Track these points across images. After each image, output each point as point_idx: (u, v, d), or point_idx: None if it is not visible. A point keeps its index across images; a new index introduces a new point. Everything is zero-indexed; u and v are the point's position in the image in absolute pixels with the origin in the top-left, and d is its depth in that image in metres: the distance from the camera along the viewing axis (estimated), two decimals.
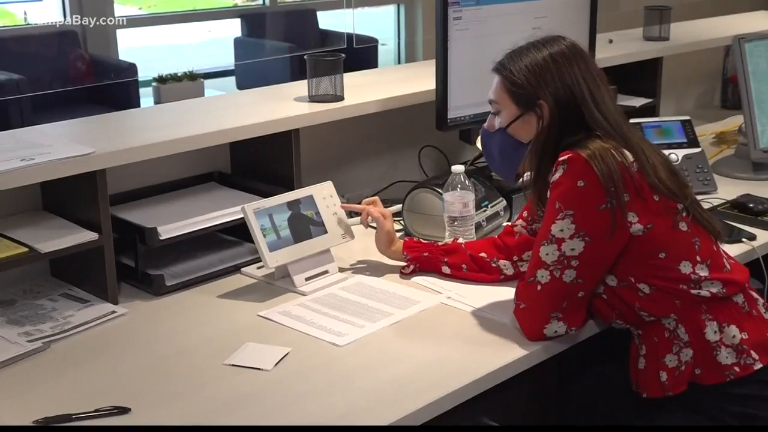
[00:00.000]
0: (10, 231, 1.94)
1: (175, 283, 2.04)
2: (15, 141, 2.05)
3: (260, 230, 2.00)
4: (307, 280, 2.04)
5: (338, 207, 2.15)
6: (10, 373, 1.71)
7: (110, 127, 2.39)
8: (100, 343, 1.83)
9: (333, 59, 2.45)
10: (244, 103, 2.60)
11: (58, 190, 2.02)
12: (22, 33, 6.41)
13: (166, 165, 2.23)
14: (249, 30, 6.75)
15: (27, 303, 1.98)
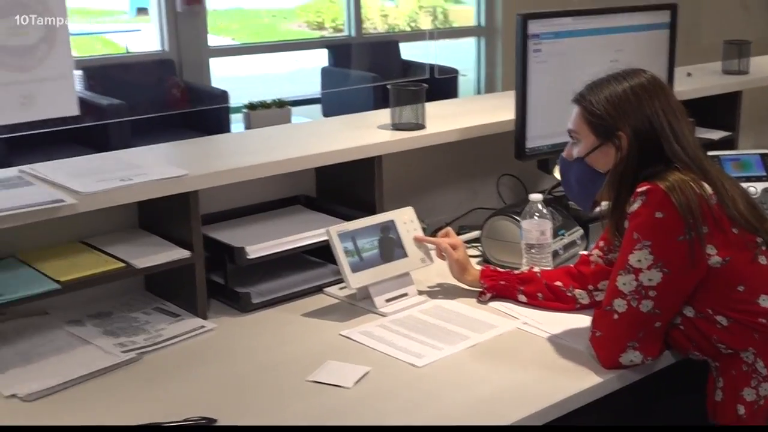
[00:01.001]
0: (108, 247, 1.98)
1: (261, 300, 2.06)
2: (115, 162, 2.09)
3: (343, 252, 2.00)
4: (387, 301, 2.04)
5: (418, 233, 2.14)
6: (105, 381, 1.74)
7: (203, 150, 2.43)
8: (189, 356, 1.85)
9: (415, 89, 2.45)
10: (330, 130, 2.61)
11: (153, 209, 2.05)
12: (124, 61, 6.59)
13: (255, 188, 2.25)
14: (335, 60, 6.82)
15: (122, 315, 2.01)
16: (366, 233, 2.06)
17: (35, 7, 1.84)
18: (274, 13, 17.00)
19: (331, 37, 8.91)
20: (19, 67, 1.84)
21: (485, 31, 7.11)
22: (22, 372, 1.75)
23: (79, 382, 1.72)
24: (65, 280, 1.82)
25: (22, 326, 1.93)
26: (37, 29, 1.85)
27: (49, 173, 1.96)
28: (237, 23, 14.97)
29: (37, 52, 1.86)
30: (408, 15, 11.76)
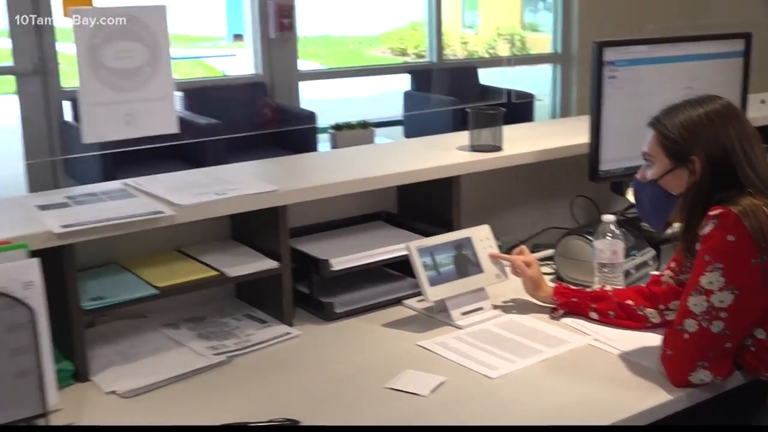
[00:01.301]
0: (203, 256, 2.01)
1: (343, 310, 2.06)
2: (211, 177, 2.12)
3: (422, 266, 1.99)
4: (463, 314, 2.02)
5: (493, 250, 2.12)
6: (197, 381, 1.76)
7: (292, 168, 2.45)
8: (275, 360, 1.86)
9: (493, 112, 2.44)
10: (411, 150, 2.61)
11: (245, 221, 2.07)
12: (221, 84, 6.72)
13: (340, 203, 2.26)
14: (417, 84, 6.83)
15: (214, 321, 2.03)
16: (444, 249, 2.05)
17: (141, 33, 1.88)
18: (360, 40, 17.15)
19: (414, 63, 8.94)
20: (125, 88, 1.89)
21: (561, 57, 7.04)
22: (121, 370, 1.79)
23: (173, 381, 1.75)
24: (163, 286, 1.86)
25: (123, 328, 1.97)
26: (142, 53, 1.89)
27: (150, 186, 2.00)
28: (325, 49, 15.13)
29: (142, 74, 1.91)
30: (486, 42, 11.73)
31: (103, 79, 1.84)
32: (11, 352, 1.46)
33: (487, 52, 10.44)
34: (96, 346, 1.86)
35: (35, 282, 1.49)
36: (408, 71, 7.16)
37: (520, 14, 10.06)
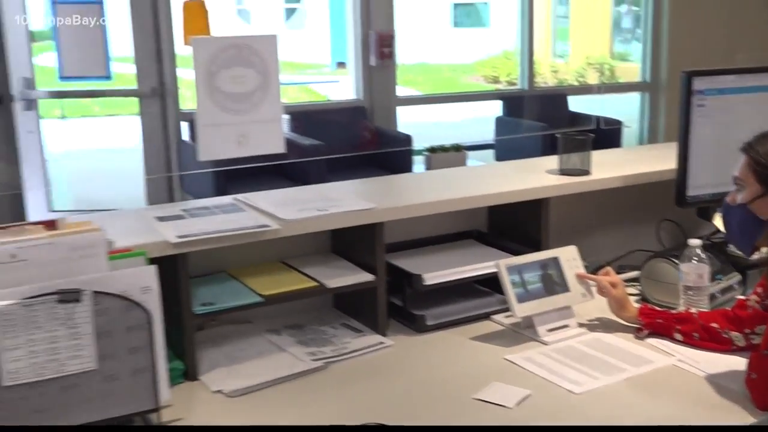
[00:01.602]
0: (304, 268, 2.03)
1: (434, 323, 2.05)
2: (313, 195, 2.15)
3: (511, 284, 1.97)
4: (549, 331, 1.99)
5: (580, 270, 2.08)
6: (296, 384, 1.78)
7: (389, 187, 2.46)
8: (369, 368, 1.86)
9: (582, 138, 2.40)
10: (502, 172, 2.60)
11: (344, 236, 2.09)
12: (324, 107, 6.81)
13: (433, 222, 2.26)
14: (508, 110, 6.78)
15: (313, 328, 2.05)
16: (532, 268, 2.02)
17: (253, 61, 1.93)
18: (454, 68, 17.15)
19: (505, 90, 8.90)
20: (237, 110, 1.93)
21: (650, 86, 6.89)
22: (227, 371, 1.82)
23: (274, 383, 1.77)
24: (267, 294, 1.88)
25: (229, 332, 2.01)
26: (254, 79, 1.93)
27: (258, 202, 2.04)
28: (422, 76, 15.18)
29: (253, 98, 1.95)
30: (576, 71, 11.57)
31: (218, 102, 1.88)
32: (129, 351, 1.50)
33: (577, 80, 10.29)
34: (205, 348, 1.89)
35: (152, 287, 1.53)
36: (500, 97, 7.11)
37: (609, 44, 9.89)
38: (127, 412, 1.52)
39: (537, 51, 6.95)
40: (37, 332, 1.42)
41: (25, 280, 1.43)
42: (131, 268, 1.53)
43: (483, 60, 16.16)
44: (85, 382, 1.47)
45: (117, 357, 1.49)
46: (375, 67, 6.06)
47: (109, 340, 1.48)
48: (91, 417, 1.48)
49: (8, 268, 1.44)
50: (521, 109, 6.67)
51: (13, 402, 1.41)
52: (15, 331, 1.41)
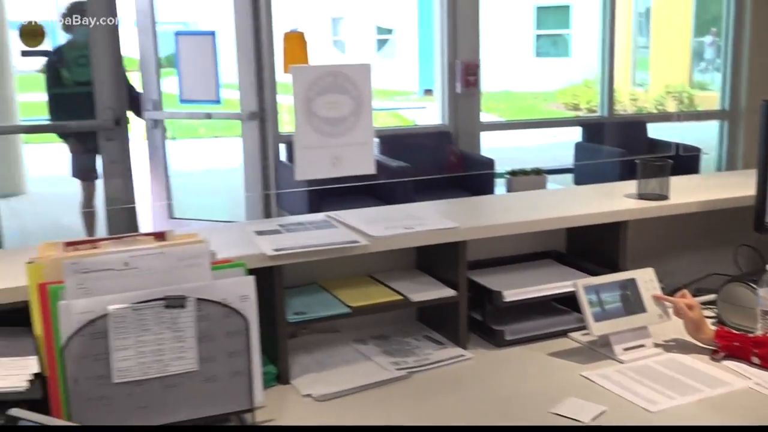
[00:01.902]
0: (390, 282, 2.03)
1: (513, 338, 2.02)
2: (400, 213, 2.15)
3: (588, 303, 1.93)
4: (625, 350, 1.93)
5: (657, 292, 2.02)
6: (380, 392, 1.78)
7: (472, 208, 2.45)
8: (449, 378, 1.85)
9: (661, 164, 2.34)
10: (581, 196, 2.55)
11: (428, 253, 2.09)
12: (411, 132, 6.85)
13: (513, 241, 2.23)
14: (587, 136, 6.68)
15: (397, 339, 2.05)
16: (609, 288, 1.97)
17: (348, 88, 1.94)
18: (536, 96, 16.99)
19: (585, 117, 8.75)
20: (332, 134, 1.95)
21: (728, 114, 6.67)
22: (316, 377, 1.83)
23: (360, 390, 1.77)
24: (355, 306, 1.89)
25: (319, 340, 2.02)
26: (348, 105, 1.95)
27: (349, 219, 2.06)
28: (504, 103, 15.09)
29: (347, 123, 1.96)
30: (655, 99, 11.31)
31: (314, 126, 1.91)
32: (228, 355, 1.53)
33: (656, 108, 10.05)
34: (296, 354, 1.91)
35: (250, 296, 1.56)
36: (580, 124, 7.01)
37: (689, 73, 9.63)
38: (224, 412, 1.54)
39: (617, 79, 6.82)
40: (145, 334, 1.46)
41: (135, 287, 1.48)
42: (231, 278, 1.55)
43: (564, 88, 15.97)
44: (187, 382, 1.50)
45: (216, 360, 1.52)
46: (460, 94, 6.06)
47: (210, 344, 1.51)
48: (191, 414, 1.51)
49: (121, 275, 1.49)
50: (601, 136, 6.55)
51: (121, 398, 1.45)
52: (125, 332, 1.45)
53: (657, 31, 13.10)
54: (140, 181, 5.46)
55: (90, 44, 5.01)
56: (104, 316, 1.43)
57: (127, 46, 5.37)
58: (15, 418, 1.28)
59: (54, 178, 8.92)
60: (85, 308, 1.43)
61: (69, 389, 1.43)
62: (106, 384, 1.44)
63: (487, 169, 5.68)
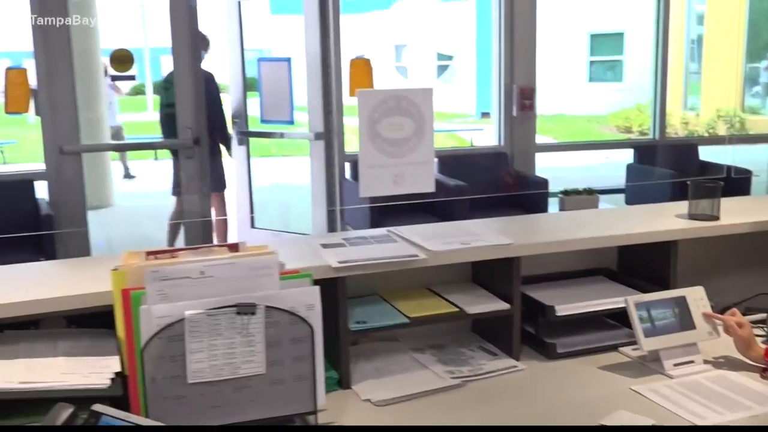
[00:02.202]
0: (447, 294, 2.02)
1: (564, 351, 1.99)
2: (457, 230, 2.14)
3: (638, 319, 1.88)
4: (675, 365, 1.88)
5: (707, 310, 1.96)
6: (436, 399, 1.76)
7: (526, 225, 2.42)
8: (502, 388, 1.82)
9: (712, 185, 2.27)
10: (632, 215, 2.50)
11: (484, 268, 2.07)
12: (469, 153, 6.83)
13: (566, 258, 2.20)
14: (639, 158, 6.55)
15: (453, 349, 2.03)
16: (660, 305, 1.92)
17: (411, 111, 1.95)
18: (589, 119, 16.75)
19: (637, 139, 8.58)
20: (394, 154, 1.96)
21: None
22: (375, 383, 1.83)
23: (416, 396, 1.76)
24: (413, 317, 1.89)
25: (378, 348, 2.02)
26: (411, 126, 1.96)
27: (409, 234, 2.05)
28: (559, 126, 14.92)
29: (409, 143, 1.97)
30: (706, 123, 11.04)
31: (378, 147, 1.92)
32: (293, 360, 1.54)
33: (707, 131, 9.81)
34: (357, 361, 1.91)
35: (315, 305, 1.57)
36: (631, 146, 6.88)
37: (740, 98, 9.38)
38: (288, 413, 1.55)
39: (669, 104, 6.68)
40: (218, 339, 1.48)
41: (210, 294, 1.50)
42: (298, 288, 1.56)
43: (616, 112, 15.73)
44: (255, 384, 1.51)
45: (283, 364, 1.53)
46: (516, 117, 6.02)
47: (277, 349, 1.52)
48: (258, 415, 1.52)
49: (197, 282, 1.51)
50: (652, 158, 6.42)
51: (195, 397, 1.47)
52: (200, 336, 1.47)
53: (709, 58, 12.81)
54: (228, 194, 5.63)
55: (174, 70, 5.15)
56: (181, 320, 1.46)
57: (220, 71, 5.53)
58: (97, 413, 1.31)
59: (138, 193, 9.17)
60: (163, 313, 1.46)
61: (147, 388, 1.45)
62: (181, 384, 1.46)
63: (541, 189, 5.62)
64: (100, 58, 7.46)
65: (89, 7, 7.30)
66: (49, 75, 4.87)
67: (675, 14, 6.54)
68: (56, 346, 1.59)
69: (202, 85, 5.18)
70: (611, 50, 17.69)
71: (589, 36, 17.94)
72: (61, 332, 1.66)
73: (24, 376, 1.46)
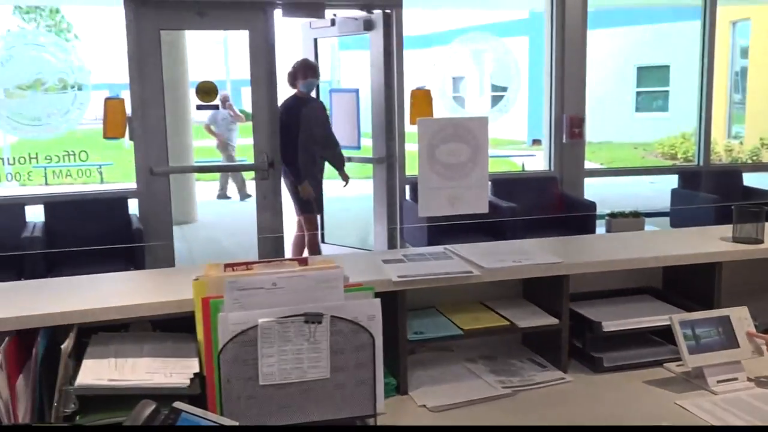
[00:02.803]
0: (499, 308, 1.99)
1: (610, 365, 1.93)
2: (510, 248, 2.11)
3: (683, 336, 1.82)
4: (718, 382, 1.80)
5: (750, 329, 1.88)
6: (487, 407, 1.73)
7: (575, 245, 2.37)
8: (551, 399, 1.78)
9: (756, 210, 2.19)
10: (677, 237, 2.42)
11: (534, 284, 2.03)
12: (520, 176, 6.76)
13: (613, 277, 2.14)
14: (683, 183, 6.38)
15: (504, 360, 2.00)
16: (704, 324, 1.85)
17: (467, 138, 1.94)
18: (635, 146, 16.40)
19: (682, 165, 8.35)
20: (451, 177, 1.95)
21: None
22: (431, 390, 1.81)
23: (469, 404, 1.73)
24: (467, 329, 1.86)
25: (434, 357, 2.00)
26: (467, 152, 1.94)
27: (464, 252, 2.04)
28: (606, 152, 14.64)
29: (465, 168, 1.95)
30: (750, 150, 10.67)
31: (436, 171, 1.91)
32: (355, 366, 1.54)
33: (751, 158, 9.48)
34: (414, 369, 1.89)
35: (377, 316, 1.56)
36: (676, 172, 6.71)
37: None
38: (350, 415, 1.55)
39: (713, 132, 6.50)
40: (288, 345, 1.49)
41: (281, 303, 1.51)
42: (361, 300, 1.57)
43: (662, 139, 15.37)
44: (320, 388, 1.52)
45: (345, 370, 1.53)
46: (566, 144, 5.95)
47: (341, 355, 1.52)
48: (322, 416, 1.52)
49: (269, 293, 1.53)
50: (696, 183, 6.24)
51: (266, 398, 1.49)
52: (271, 342, 1.48)
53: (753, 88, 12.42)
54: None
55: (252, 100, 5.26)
56: (254, 327, 1.48)
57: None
58: (177, 410, 1.33)
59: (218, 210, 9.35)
60: (239, 320, 1.48)
61: (222, 388, 1.47)
62: (253, 385, 1.48)
63: (589, 211, 5.52)
64: (188, 88, 7.67)
65: (179, 43, 7.53)
66: (143, 104, 5.04)
67: (720, 47, 6.37)
68: (142, 347, 1.62)
69: (276, 114, 5.27)
70: (657, 82, 17.33)
71: (635, 68, 17.62)
72: (147, 335, 1.70)
73: (113, 374, 1.49)
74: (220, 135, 9.13)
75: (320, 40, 6.10)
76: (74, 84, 5.25)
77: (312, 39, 6.04)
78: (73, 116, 5.29)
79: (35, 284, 1.94)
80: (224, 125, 9.08)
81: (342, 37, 6.49)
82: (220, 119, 9.01)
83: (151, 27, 4.97)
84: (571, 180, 5.96)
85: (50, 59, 5.22)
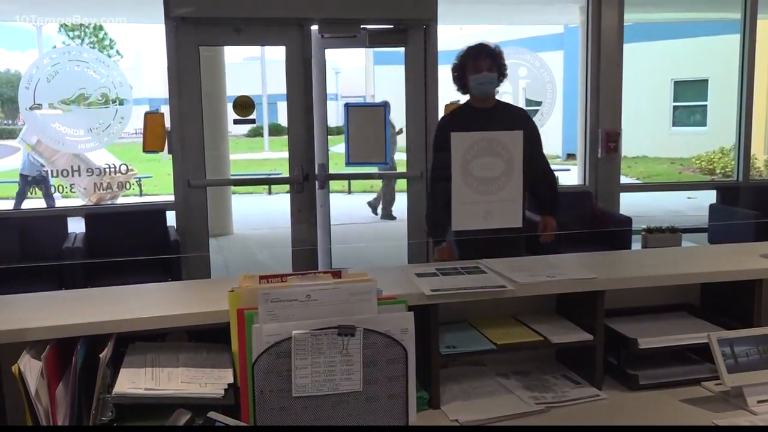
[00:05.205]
0: (532, 324, 1.97)
1: (646, 383, 1.89)
2: (544, 263, 2.10)
3: (721, 355, 1.77)
4: (759, 402, 1.76)
5: None
6: (519, 422, 1.71)
7: (610, 261, 2.34)
8: (585, 416, 1.75)
9: None
10: (716, 254, 2.37)
11: (568, 299, 2.01)
12: None
13: (649, 293, 2.10)
14: (722, 198, 6.25)
15: (537, 376, 1.97)
16: (743, 342, 1.81)
17: (501, 152, 1.94)
18: (673, 161, 16.15)
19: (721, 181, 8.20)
20: (485, 191, 1.94)
21: None
22: (463, 404, 1.79)
23: (501, 419, 1.72)
24: (500, 344, 1.85)
25: (466, 372, 1.99)
26: (500, 167, 1.94)
27: (497, 266, 2.02)
28: (642, 167, 14.45)
29: (498, 182, 1.95)
30: None
31: (470, 185, 1.91)
32: (388, 379, 1.53)
33: None
34: (446, 383, 1.88)
35: (409, 329, 1.56)
36: (715, 187, 6.59)
37: None
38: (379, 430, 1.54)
39: (753, 147, 6.37)
40: (321, 357, 1.49)
41: (314, 316, 1.52)
42: (394, 313, 1.56)
43: (700, 155, 15.11)
44: (352, 400, 1.51)
45: (378, 383, 1.52)
46: (601, 158, 5.88)
47: (373, 368, 1.52)
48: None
49: (303, 305, 1.53)
50: (735, 199, 6.12)
51: (298, 409, 1.49)
52: (304, 354, 1.49)
53: None
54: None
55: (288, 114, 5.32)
56: (288, 339, 1.48)
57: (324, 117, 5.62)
58: (212, 420, 1.34)
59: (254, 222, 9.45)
60: (273, 331, 1.49)
61: (256, 399, 1.48)
62: (286, 397, 1.48)
63: (624, 226, 5.44)
64: (225, 103, 7.78)
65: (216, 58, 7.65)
66: (181, 118, 5.12)
67: (760, 61, 6.25)
68: (178, 357, 1.64)
69: (312, 128, 5.31)
70: (695, 96, 17.07)
71: (672, 83, 17.38)
72: (182, 345, 1.71)
73: (149, 383, 1.51)
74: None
75: (355, 55, 6.13)
76: (116, 99, 5.37)
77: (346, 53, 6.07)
78: (114, 130, 5.41)
79: (75, 294, 1.98)
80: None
81: (377, 52, 6.51)
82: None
83: (191, 43, 5.07)
84: (607, 194, 5.89)
85: (93, 75, 5.35)
